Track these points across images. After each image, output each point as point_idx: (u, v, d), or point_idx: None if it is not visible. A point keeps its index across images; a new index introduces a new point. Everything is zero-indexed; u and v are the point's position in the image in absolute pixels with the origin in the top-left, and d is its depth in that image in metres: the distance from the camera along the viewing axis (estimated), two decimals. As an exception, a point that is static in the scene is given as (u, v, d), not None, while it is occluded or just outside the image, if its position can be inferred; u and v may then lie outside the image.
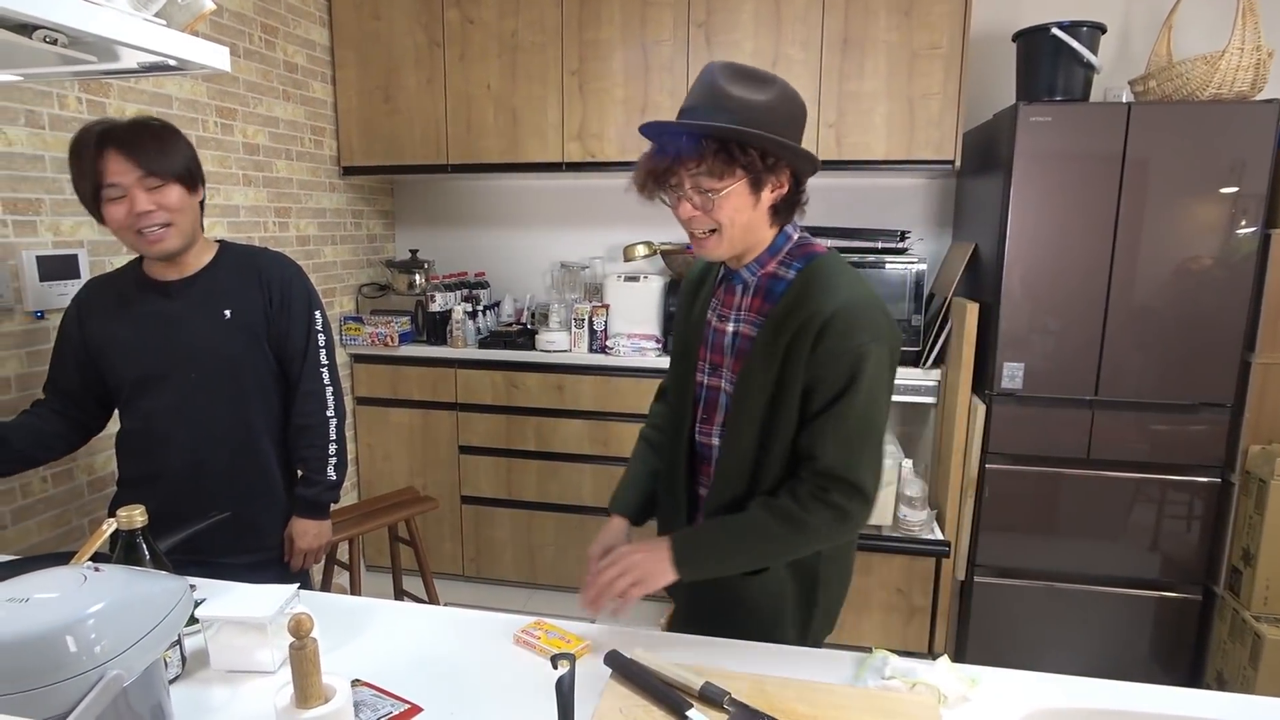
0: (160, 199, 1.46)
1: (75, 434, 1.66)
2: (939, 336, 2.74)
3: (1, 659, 0.70)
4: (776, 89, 1.13)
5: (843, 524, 1.18)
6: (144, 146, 1.43)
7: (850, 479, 1.15)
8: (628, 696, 1.01)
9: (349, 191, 3.37)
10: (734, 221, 1.16)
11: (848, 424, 1.15)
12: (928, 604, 2.72)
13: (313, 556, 1.72)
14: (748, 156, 1.10)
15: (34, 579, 0.78)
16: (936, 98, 2.71)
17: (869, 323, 1.14)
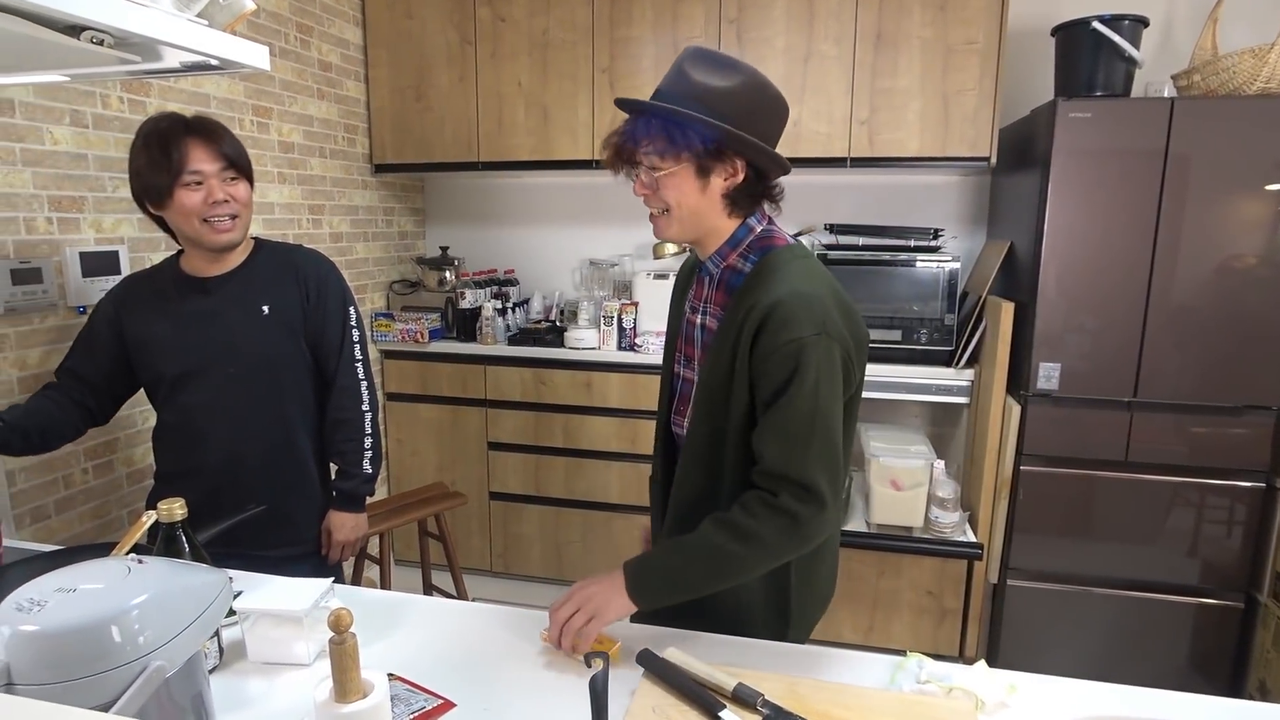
0: (233, 191, 1.53)
1: (84, 421, 1.67)
2: (972, 336, 2.70)
3: (50, 648, 0.71)
4: (742, 77, 1.11)
5: (795, 531, 1.11)
6: (225, 140, 1.50)
7: (797, 479, 1.10)
8: (660, 696, 1.01)
9: (381, 189, 3.40)
10: (681, 204, 1.16)
11: (790, 421, 1.10)
12: (959, 607, 2.68)
13: (350, 549, 1.75)
14: (686, 139, 1.09)
15: (81, 570, 0.80)
16: (972, 94, 2.67)
17: (810, 316, 1.10)
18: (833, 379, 1.13)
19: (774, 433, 1.12)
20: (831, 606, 2.69)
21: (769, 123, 1.16)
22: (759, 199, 1.22)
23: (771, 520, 1.11)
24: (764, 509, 1.12)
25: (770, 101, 1.16)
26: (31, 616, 0.71)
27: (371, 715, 0.68)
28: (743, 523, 1.12)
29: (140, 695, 0.71)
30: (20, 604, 0.72)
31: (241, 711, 1.02)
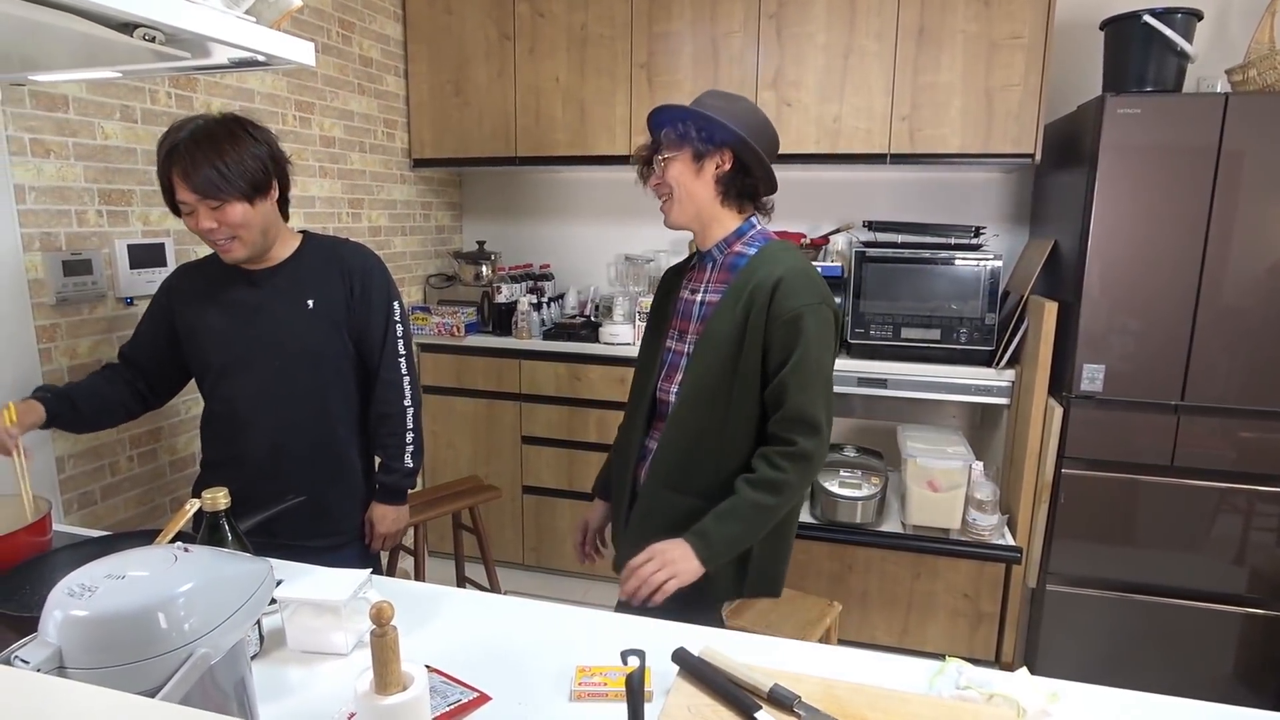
0: (221, 217, 1.48)
1: (136, 404, 1.70)
2: (1013, 336, 2.65)
3: (100, 633, 0.72)
4: (740, 105, 1.45)
5: (809, 468, 1.40)
6: (201, 169, 1.43)
7: (806, 417, 1.39)
8: (695, 695, 1.01)
9: (419, 183, 3.43)
10: (680, 184, 1.44)
11: (802, 371, 1.38)
12: (996, 611, 2.64)
13: (392, 540, 1.78)
14: (685, 128, 1.41)
15: (129, 557, 0.81)
16: (1016, 89, 2.61)
17: (813, 288, 1.41)
18: (832, 339, 1.44)
19: (792, 382, 1.39)
20: (866, 608, 2.70)
21: (755, 135, 1.42)
22: (746, 195, 1.48)
23: (794, 467, 1.39)
24: (785, 459, 1.39)
25: (760, 124, 1.45)
26: (82, 602, 0.73)
27: (412, 708, 0.69)
28: (774, 477, 1.39)
29: (185, 682, 0.73)
30: (72, 589, 0.74)
31: (282, 699, 1.04)
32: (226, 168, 1.45)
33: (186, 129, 1.48)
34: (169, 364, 1.70)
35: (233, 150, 1.47)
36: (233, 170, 1.46)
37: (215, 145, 1.46)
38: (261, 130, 1.56)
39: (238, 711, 0.84)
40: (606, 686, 1.03)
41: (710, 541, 1.38)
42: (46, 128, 1.85)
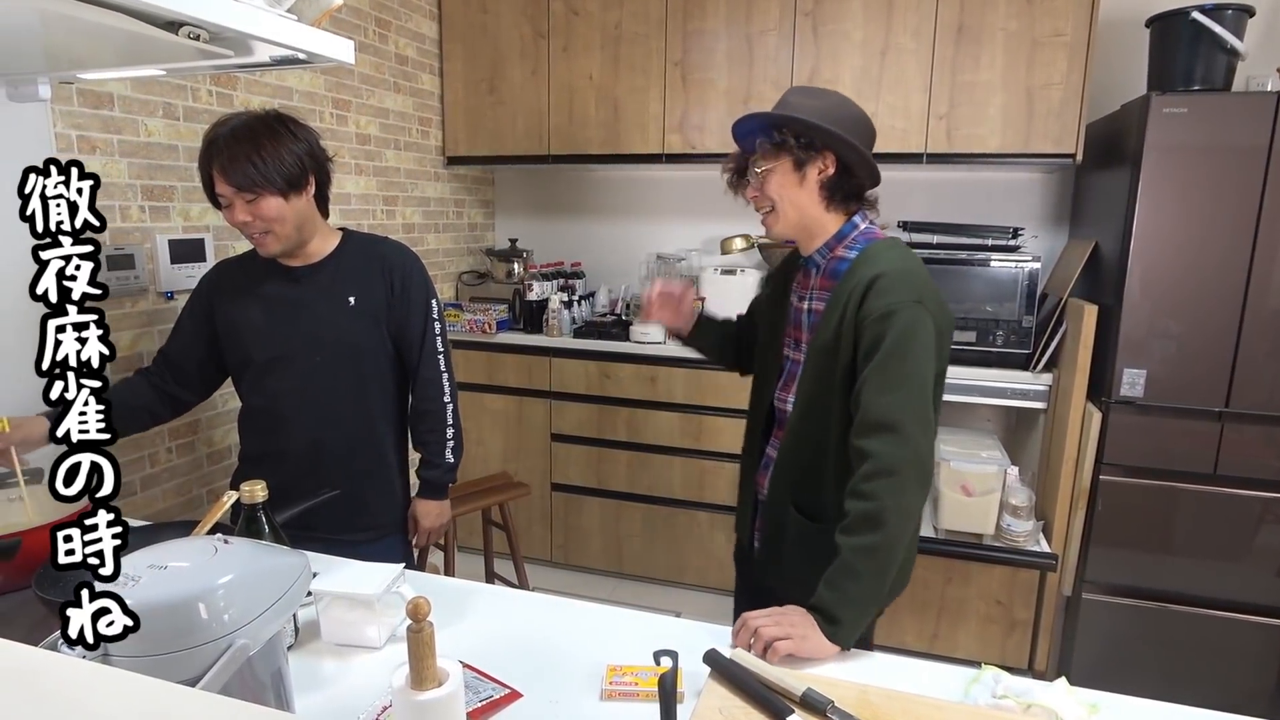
0: (256, 210, 1.51)
1: (164, 408, 1.72)
2: (1051, 339, 2.60)
3: (144, 621, 0.74)
4: (830, 99, 1.36)
5: (898, 481, 1.20)
6: (238, 163, 1.47)
7: (884, 421, 1.22)
8: (726, 697, 1.00)
9: (452, 181, 3.45)
10: (782, 196, 1.35)
11: (885, 372, 1.23)
12: (1030, 618, 2.59)
13: (436, 534, 1.81)
14: (783, 136, 1.32)
15: (170, 547, 0.83)
16: (1058, 88, 2.56)
17: (910, 286, 1.26)
18: (926, 343, 1.25)
19: (872, 384, 1.24)
20: (896, 612, 2.66)
21: (853, 130, 1.33)
22: (851, 196, 1.38)
23: (882, 487, 1.20)
24: (867, 482, 1.21)
25: (853, 117, 1.35)
26: (126, 591, 0.74)
27: (447, 704, 0.69)
28: (865, 509, 1.20)
29: (224, 673, 0.74)
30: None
31: (316, 691, 1.05)
32: (263, 162, 1.48)
33: (229, 124, 1.51)
34: (207, 361, 1.72)
35: (270, 146, 1.49)
36: (269, 165, 1.48)
37: (254, 140, 1.49)
38: (303, 128, 1.58)
39: (274, 702, 0.85)
40: (637, 686, 1.03)
41: (831, 614, 1.16)
42: (93, 125, 1.89)
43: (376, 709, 0.97)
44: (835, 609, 1.16)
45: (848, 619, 1.15)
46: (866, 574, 1.19)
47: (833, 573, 1.20)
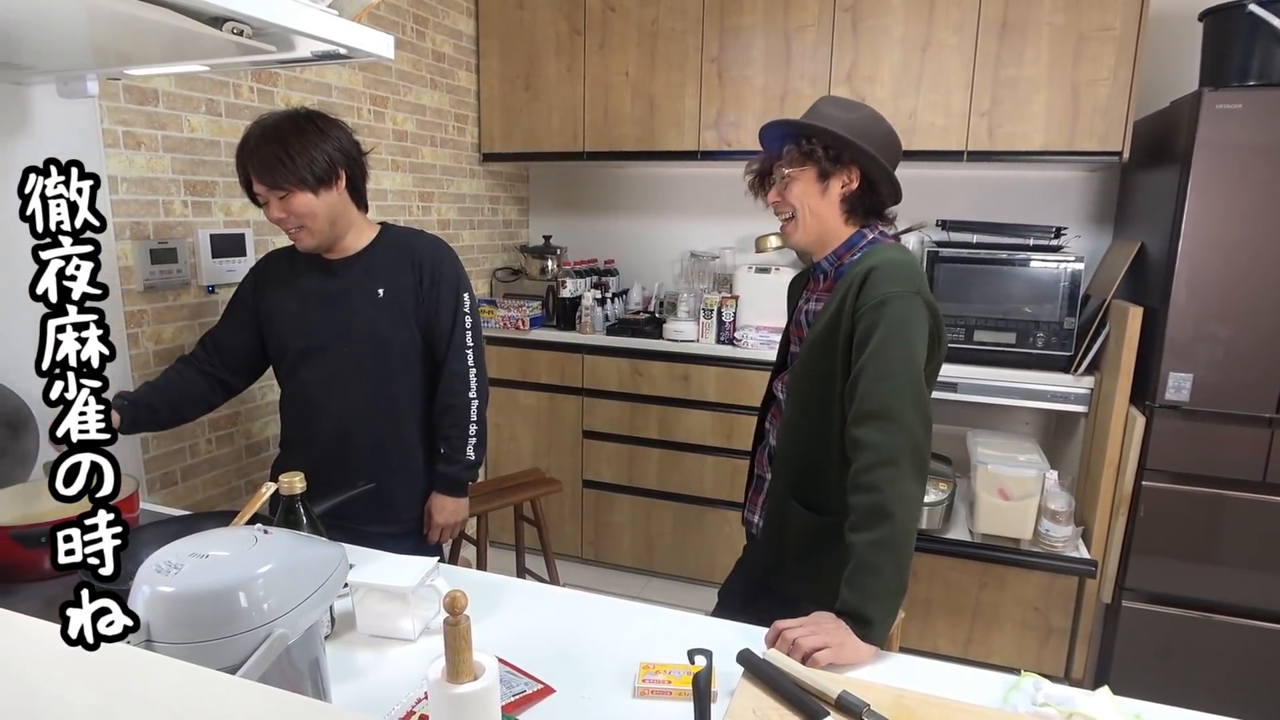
0: (288, 207, 1.56)
1: (215, 393, 1.76)
2: (1094, 341, 2.54)
3: (184, 609, 0.75)
4: (862, 113, 1.37)
5: (895, 470, 1.20)
6: (268, 162, 1.52)
7: (879, 409, 1.22)
8: (760, 698, 0.99)
9: (487, 178, 3.47)
10: (804, 204, 1.37)
11: (880, 359, 1.24)
12: (1067, 625, 2.54)
13: (449, 531, 1.79)
14: (811, 145, 1.33)
15: (211, 537, 0.84)
16: (1105, 84, 2.50)
17: (906, 277, 1.28)
18: (920, 332, 1.27)
19: (867, 373, 1.25)
20: (928, 615, 2.63)
21: (881, 147, 1.35)
22: (871, 212, 1.40)
23: (882, 477, 1.20)
24: (866, 474, 1.22)
25: (884, 133, 1.37)
26: (169, 579, 0.75)
27: (483, 697, 0.69)
28: (869, 502, 1.20)
29: (264, 661, 0.74)
30: (159, 566, 0.76)
31: (352, 681, 1.06)
32: (291, 160, 1.52)
33: (260, 125, 1.56)
34: (254, 348, 1.76)
35: (297, 143, 1.53)
36: (297, 162, 1.53)
37: (281, 140, 1.53)
38: (332, 124, 1.60)
39: (311, 691, 0.85)
40: (670, 685, 1.02)
41: (860, 614, 1.14)
42: (138, 120, 1.92)
43: (411, 701, 0.98)
44: (863, 608, 1.15)
45: (877, 616, 1.14)
46: (885, 567, 1.18)
47: (852, 572, 1.19)
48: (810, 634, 1.10)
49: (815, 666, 1.06)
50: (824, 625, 1.13)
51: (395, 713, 0.96)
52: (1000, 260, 2.62)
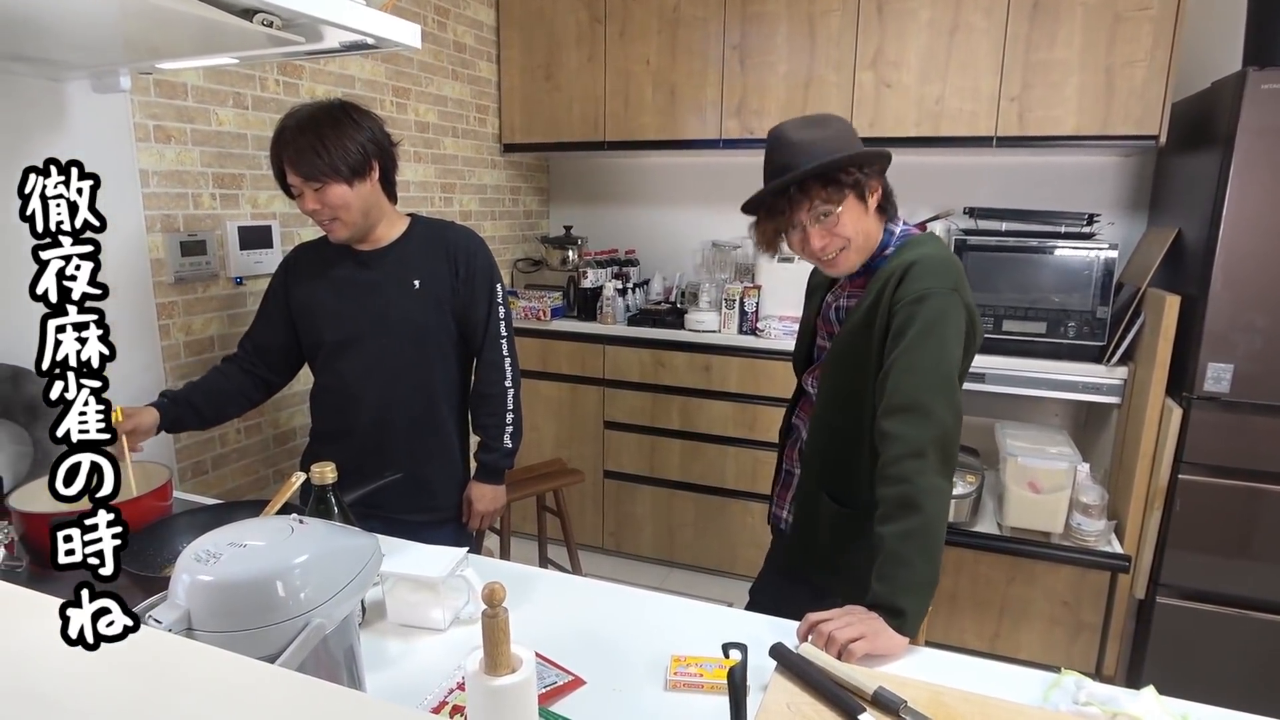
0: (323, 198, 1.55)
1: (258, 391, 1.79)
2: (1128, 331, 2.49)
3: (223, 598, 0.75)
4: (834, 126, 1.35)
5: (922, 463, 1.19)
6: (304, 154, 1.52)
7: (908, 403, 1.22)
8: (795, 693, 0.98)
9: (509, 169, 3.47)
10: (858, 231, 1.34)
11: (913, 353, 1.23)
12: (1098, 621, 2.51)
13: (490, 519, 1.81)
14: (850, 175, 1.31)
15: (248, 526, 0.84)
16: (1141, 65, 2.44)
17: (945, 273, 1.27)
18: (957, 330, 1.26)
19: (900, 366, 1.24)
20: (954, 610, 2.60)
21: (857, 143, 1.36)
22: (890, 205, 1.41)
23: (911, 468, 1.19)
24: (895, 466, 1.21)
25: (853, 132, 1.38)
26: (208, 568, 0.75)
27: (520, 689, 0.68)
28: (898, 494, 1.19)
29: (301, 651, 0.74)
30: (199, 555, 0.76)
31: (384, 670, 1.06)
32: (327, 152, 1.52)
33: (295, 116, 1.56)
34: (291, 344, 1.77)
35: (333, 134, 1.53)
36: (333, 154, 1.52)
37: (317, 131, 1.53)
38: (366, 115, 1.60)
39: (347, 679, 0.86)
40: (702, 678, 1.01)
41: (893, 606, 1.13)
42: (168, 114, 1.93)
43: (443, 691, 0.98)
44: (895, 600, 1.13)
45: (910, 608, 1.13)
46: (916, 558, 1.17)
47: (882, 565, 1.18)
48: (845, 625, 1.09)
49: (850, 659, 1.05)
50: (857, 617, 1.11)
51: (428, 702, 0.96)
52: (1030, 248, 2.58)
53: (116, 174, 1.82)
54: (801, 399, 1.57)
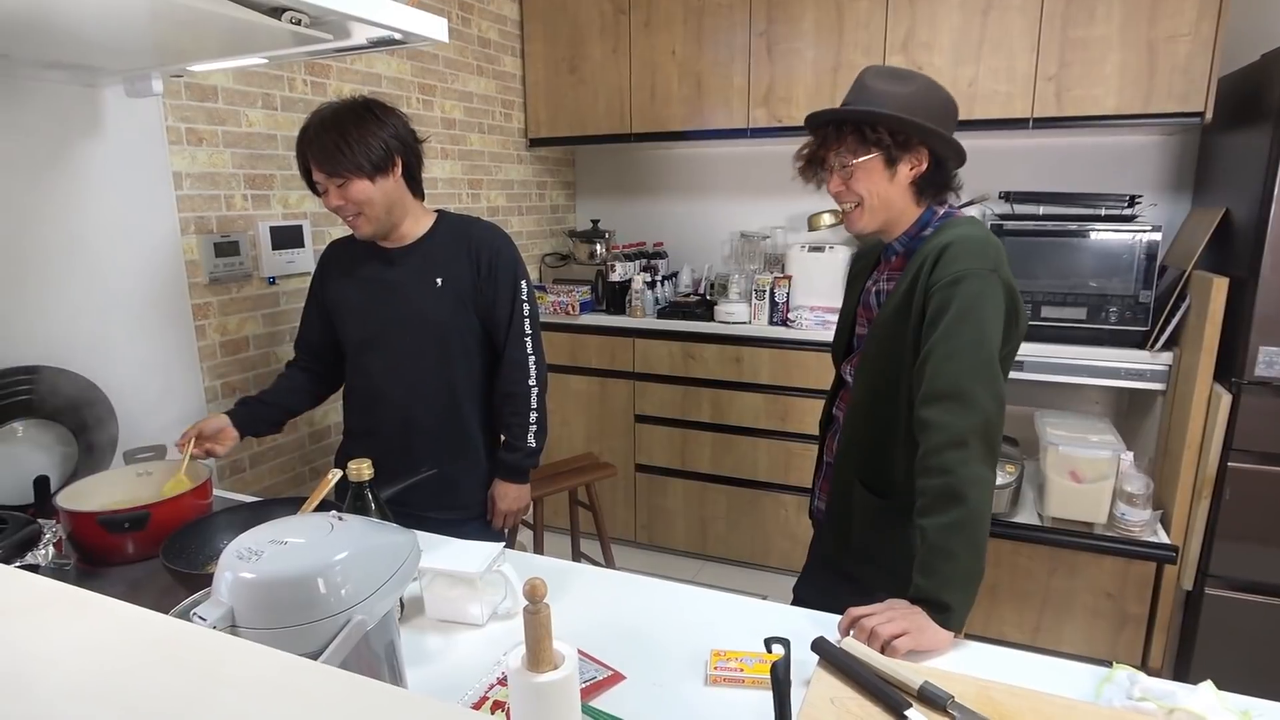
0: (346, 194, 1.56)
1: (321, 387, 1.83)
2: (1172, 315, 2.43)
3: (265, 595, 0.75)
4: (917, 84, 1.29)
5: (964, 453, 1.15)
6: (328, 151, 1.52)
7: (950, 390, 1.17)
8: (838, 687, 0.96)
9: (534, 163, 3.46)
10: (872, 192, 1.30)
11: (952, 338, 1.19)
12: (1144, 613, 2.45)
13: (513, 518, 1.79)
14: (877, 134, 1.26)
15: (288, 524, 0.84)
16: (1185, 40, 2.37)
17: (984, 254, 1.22)
18: (997, 311, 1.21)
19: (938, 352, 1.19)
20: (994, 602, 2.55)
21: (943, 118, 1.29)
22: (942, 188, 1.34)
23: (952, 459, 1.15)
24: (936, 456, 1.17)
25: (944, 102, 1.31)
26: (250, 565, 0.75)
27: (563, 686, 0.68)
28: (940, 485, 1.15)
29: (344, 648, 0.74)
30: (241, 552, 0.77)
31: (424, 665, 1.06)
32: (350, 148, 1.52)
33: (319, 114, 1.57)
34: (334, 339, 1.78)
35: (356, 131, 1.53)
36: (356, 150, 1.53)
37: (340, 127, 1.53)
38: (390, 112, 1.60)
39: (388, 675, 0.85)
40: (743, 672, 1.00)
41: (937, 600, 1.10)
42: (199, 117, 1.95)
43: (484, 686, 0.97)
44: (939, 594, 1.11)
45: (955, 602, 1.10)
46: (960, 551, 1.13)
47: (925, 558, 1.14)
48: (888, 620, 1.06)
49: (894, 655, 1.03)
50: (901, 611, 1.09)
51: (469, 698, 0.96)
52: (1069, 232, 2.52)
53: (150, 177, 1.85)
54: (841, 389, 1.53)
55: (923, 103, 1.27)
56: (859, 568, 1.45)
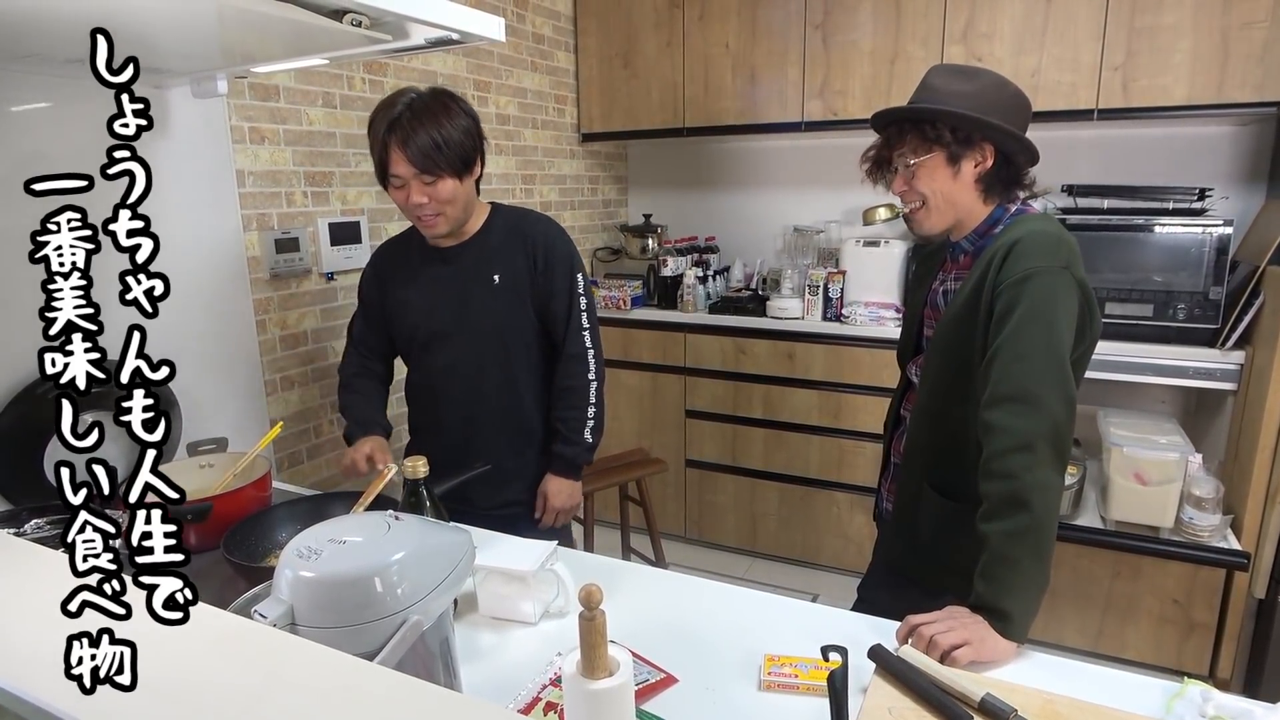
0: (433, 192, 1.50)
1: (387, 387, 1.84)
2: (1244, 312, 2.32)
3: (324, 594, 0.77)
4: (983, 80, 1.27)
5: (1031, 457, 1.11)
6: (423, 145, 1.45)
7: (1016, 392, 1.13)
8: (896, 697, 0.94)
9: (587, 158, 3.47)
10: (935, 191, 1.28)
11: (1020, 339, 1.15)
12: (1212, 621, 2.35)
13: (564, 515, 1.75)
14: (937, 131, 1.24)
15: (345, 523, 0.86)
16: (1261, 26, 2.26)
17: (1054, 251, 1.18)
18: (1069, 310, 1.17)
19: (1005, 353, 1.16)
20: (1054, 606, 2.49)
21: (1012, 115, 1.26)
22: (1011, 185, 1.30)
23: (1017, 463, 1.12)
24: (999, 460, 1.13)
25: (1012, 96, 1.27)
26: (310, 564, 0.77)
27: (618, 694, 0.68)
28: (1004, 490, 1.12)
29: (400, 647, 0.75)
30: (300, 551, 0.78)
31: (477, 662, 1.07)
32: (447, 145, 1.47)
33: (401, 102, 1.49)
34: (388, 340, 1.78)
35: (448, 123, 1.48)
36: (450, 144, 1.47)
37: (433, 117, 1.47)
38: (467, 104, 1.55)
39: (443, 671, 0.87)
40: (798, 679, 0.99)
41: (998, 608, 1.07)
42: (261, 116, 2.00)
43: (536, 686, 0.98)
44: (1000, 602, 1.07)
45: (1017, 611, 1.07)
46: (1024, 559, 1.10)
47: (987, 565, 1.11)
48: (947, 630, 1.04)
49: (954, 665, 1.00)
50: (961, 620, 1.06)
51: (522, 698, 0.96)
52: (1135, 226, 2.42)
53: (215, 175, 1.90)
54: (909, 390, 1.50)
55: (989, 99, 1.24)
56: (926, 570, 1.42)
